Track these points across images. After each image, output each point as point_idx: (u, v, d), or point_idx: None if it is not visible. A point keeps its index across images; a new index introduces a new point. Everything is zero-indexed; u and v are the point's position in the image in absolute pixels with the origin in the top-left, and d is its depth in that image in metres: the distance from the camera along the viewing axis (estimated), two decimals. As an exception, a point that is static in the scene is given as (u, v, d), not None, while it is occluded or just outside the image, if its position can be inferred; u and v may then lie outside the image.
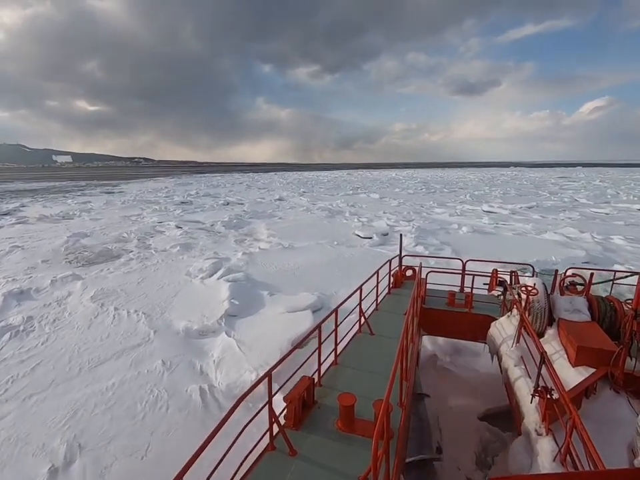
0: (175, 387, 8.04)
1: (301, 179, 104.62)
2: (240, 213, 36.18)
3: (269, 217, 33.44)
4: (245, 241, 23.88)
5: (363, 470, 3.44)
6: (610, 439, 4.08)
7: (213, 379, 8.44)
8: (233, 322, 11.19)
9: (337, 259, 18.58)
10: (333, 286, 14.42)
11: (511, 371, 5.63)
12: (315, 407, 4.69)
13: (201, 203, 45.65)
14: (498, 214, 35.24)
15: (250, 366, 8.63)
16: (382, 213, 35.64)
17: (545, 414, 4.18)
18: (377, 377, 5.35)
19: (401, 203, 43.68)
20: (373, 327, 7.01)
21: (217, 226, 28.83)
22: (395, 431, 4.13)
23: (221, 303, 12.38)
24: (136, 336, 10.46)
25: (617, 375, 4.82)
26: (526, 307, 6.33)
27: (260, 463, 3.78)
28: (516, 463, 4.33)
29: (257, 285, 14.68)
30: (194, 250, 21.27)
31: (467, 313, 8.50)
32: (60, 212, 37.59)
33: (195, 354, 9.54)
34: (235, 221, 30.99)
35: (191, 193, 58.96)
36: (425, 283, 9.46)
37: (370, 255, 19.05)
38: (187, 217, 34.36)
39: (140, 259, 19.22)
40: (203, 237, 24.77)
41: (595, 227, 27.17)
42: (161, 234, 26.29)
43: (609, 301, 6.14)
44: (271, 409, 3.91)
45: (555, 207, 40.03)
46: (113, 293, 13.97)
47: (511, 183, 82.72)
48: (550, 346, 5.77)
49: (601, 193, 54.92)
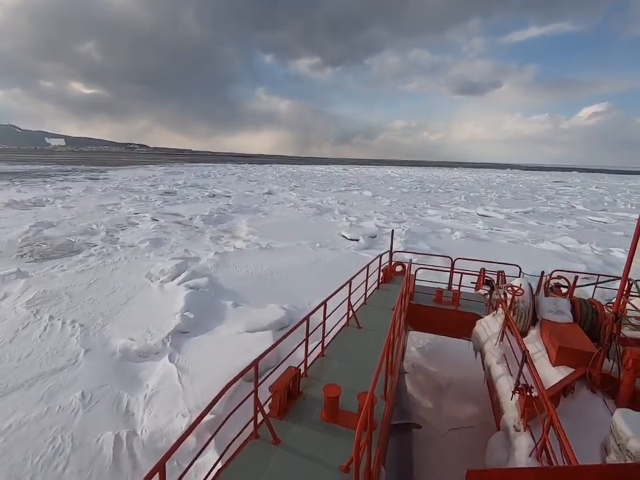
0: (85, 434, 6.39)
1: (295, 173, 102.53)
2: (224, 206, 34.35)
3: (253, 212, 31.68)
4: (222, 238, 22.14)
5: (345, 460, 3.58)
6: (584, 436, 4.11)
7: (138, 422, 6.80)
8: (181, 342, 9.52)
9: (317, 263, 16.97)
10: (307, 296, 12.80)
11: (493, 369, 5.75)
12: (300, 398, 4.72)
13: (186, 194, 43.65)
14: (493, 218, 33.84)
15: (185, 406, 7.01)
16: (372, 212, 34.03)
17: (523, 411, 4.26)
18: (363, 369, 5.39)
19: (394, 203, 42.10)
20: (360, 321, 7.03)
21: (195, 220, 27.01)
22: (378, 423, 4.21)
23: (173, 315, 10.71)
24: (62, 356, 8.76)
25: (594, 376, 4.91)
26: (511, 307, 6.41)
27: (243, 451, 3.81)
28: (493, 457, 4.43)
29: (221, 293, 13.02)
30: (164, 247, 19.52)
31: (454, 310, 8.64)
32: (33, 198, 35.44)
33: (126, 384, 7.88)
34: (216, 215, 29.20)
35: (178, 183, 56.81)
36: (413, 279, 9.49)
37: (353, 260, 17.43)
38: (167, 208, 32.47)
39: (101, 255, 17.44)
40: (178, 232, 22.98)
41: (593, 237, 25.85)
42: (134, 227, 24.46)
43: (591, 304, 6.24)
44: (256, 397, 3.93)
45: (552, 213, 38.75)
46: (55, 296, 12.22)
47: (506, 186, 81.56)
48: (532, 345, 5.86)
49: (598, 200, 53.86)
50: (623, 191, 77.68)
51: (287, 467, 3.65)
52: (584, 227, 30.59)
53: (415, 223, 28.82)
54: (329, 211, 34.25)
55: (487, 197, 53.06)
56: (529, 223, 31.39)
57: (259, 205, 36.12)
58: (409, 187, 66.59)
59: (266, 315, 10.99)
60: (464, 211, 37.94)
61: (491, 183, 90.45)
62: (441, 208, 39.15)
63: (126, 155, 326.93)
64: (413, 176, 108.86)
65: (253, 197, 43.21)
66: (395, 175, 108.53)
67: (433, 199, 48.73)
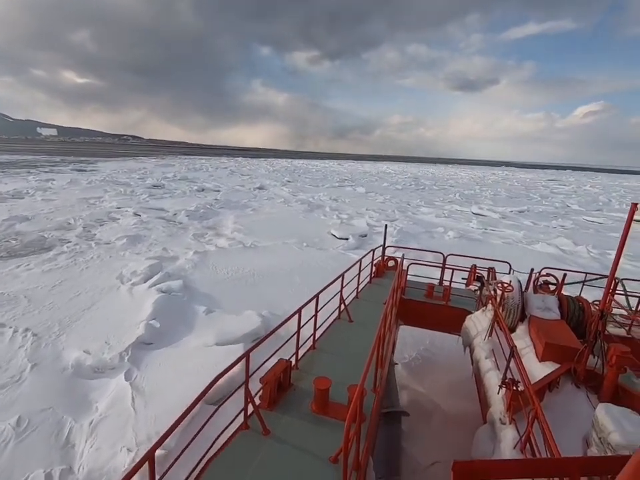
0: (10, 473, 5.49)
1: (290, 167, 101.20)
2: (211, 201, 33.26)
3: (241, 208, 30.65)
4: (205, 235, 21.14)
5: (334, 450, 3.61)
6: (567, 429, 4.14)
7: (77, 456, 5.90)
8: (141, 355, 8.60)
9: (302, 265, 16.08)
10: (288, 301, 11.91)
11: (481, 363, 5.78)
12: (290, 389, 4.71)
13: (174, 188, 42.43)
14: (487, 217, 33.14)
15: (133, 437, 6.12)
16: (365, 209, 33.16)
17: (509, 404, 4.31)
18: (353, 362, 5.38)
19: (387, 200, 41.25)
20: (352, 315, 7.04)
21: (179, 215, 25.96)
22: (367, 415, 4.25)
23: (138, 324, 9.78)
24: (4, 372, 7.82)
25: (579, 371, 4.97)
26: (500, 303, 6.44)
27: (233, 441, 3.80)
28: (479, 449, 4.50)
29: (195, 297, 12.09)
30: (142, 244, 18.50)
31: (444, 305, 8.72)
32: (12, 190, 34.11)
33: (73, 406, 6.97)
34: (202, 210, 28.14)
35: (168, 176, 55.41)
36: (405, 274, 9.45)
37: (340, 261, 16.57)
38: (152, 203, 31.33)
39: (73, 253, 16.40)
40: (159, 229, 21.95)
41: (589, 238, 25.22)
42: (114, 222, 23.37)
43: (578, 301, 6.26)
44: (247, 389, 3.92)
45: (547, 212, 38.15)
46: (12, 299, 11.24)
47: (501, 184, 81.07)
48: (520, 341, 5.88)
49: (593, 200, 53.47)
50: (617, 190, 77.54)
51: (276, 457, 3.65)
52: (579, 227, 29.98)
53: (407, 222, 28.00)
54: (320, 207, 33.33)
55: (481, 195, 52.41)
56: (523, 223, 30.73)
57: (248, 201, 35.08)
58: (404, 183, 65.76)
59: (240, 324, 10.11)
60: (458, 209, 37.22)
61: (485, 180, 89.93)
62: (435, 206, 38.39)
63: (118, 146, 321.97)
64: (408, 172, 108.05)
65: (243, 191, 42.09)
66: (390, 171, 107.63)
67: (427, 196, 47.97)
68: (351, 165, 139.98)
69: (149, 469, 2.59)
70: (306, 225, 25.31)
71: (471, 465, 1.93)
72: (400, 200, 41.82)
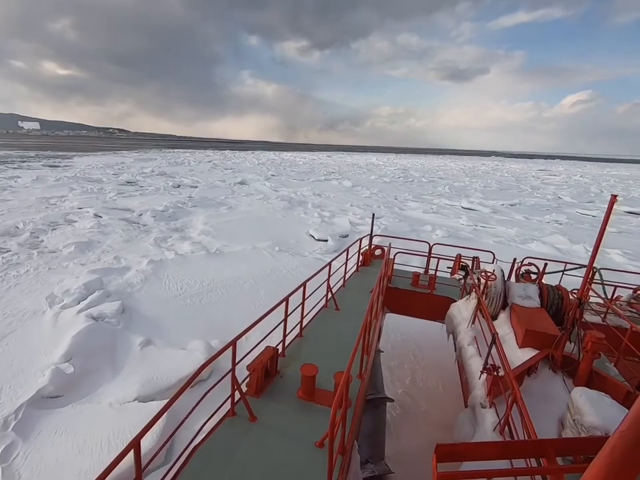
0: None
1: (276, 160, 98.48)
2: (185, 199, 30.99)
3: (215, 207, 28.48)
4: (168, 239, 19.03)
5: (320, 436, 3.72)
6: (544, 412, 4.26)
7: None
8: (37, 418, 6.61)
9: (271, 274, 14.17)
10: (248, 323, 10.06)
11: (464, 350, 5.93)
12: (277, 376, 4.73)
13: (148, 184, 39.93)
14: (478, 212, 31.53)
15: None
16: (349, 205, 31.26)
17: (490, 389, 4.43)
18: (340, 350, 5.43)
19: (374, 194, 39.35)
20: (339, 303, 7.13)
21: (145, 216, 23.76)
22: (352, 401, 4.35)
23: (45, 368, 7.80)
24: None
25: (556, 357, 5.08)
26: (484, 291, 6.56)
27: (220, 427, 3.85)
28: (461, 432, 4.57)
29: (134, 324, 10.12)
30: (92, 252, 16.38)
31: (429, 294, 8.90)
32: (-33, 189, 31.43)
33: None
34: (172, 210, 25.95)
35: (145, 171, 52.63)
36: (392, 263, 9.58)
37: (315, 269, 14.70)
38: (119, 202, 28.97)
39: (7, 265, 14.22)
40: (118, 232, 19.76)
41: (585, 234, 23.73)
42: (69, 225, 21.09)
43: (558, 290, 6.36)
44: (233, 376, 3.94)
45: (539, 205, 36.70)
46: None
47: (491, 174, 79.73)
48: (501, 328, 5.94)
49: (585, 191, 52.30)
50: (606, 180, 76.80)
51: (263, 443, 3.68)
52: (574, 222, 28.52)
53: (393, 219, 26.19)
54: (302, 204, 31.31)
55: (471, 187, 50.85)
56: (515, 218, 29.18)
57: (225, 197, 32.86)
58: (392, 176, 63.84)
59: (179, 363, 8.20)
60: (447, 203, 35.54)
61: (475, 171, 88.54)
62: (423, 200, 36.64)
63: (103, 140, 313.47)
64: (397, 164, 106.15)
65: (222, 187, 39.77)
66: (379, 163, 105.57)
67: (415, 189, 46.21)
68: (340, 157, 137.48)
69: (135, 456, 2.59)
70: (284, 225, 23.35)
71: (453, 448, 1.93)
72: (387, 194, 39.97)
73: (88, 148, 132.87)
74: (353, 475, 3.86)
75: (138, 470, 2.68)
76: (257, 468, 3.43)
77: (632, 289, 8.42)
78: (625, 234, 25.15)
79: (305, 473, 3.43)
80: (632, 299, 8.27)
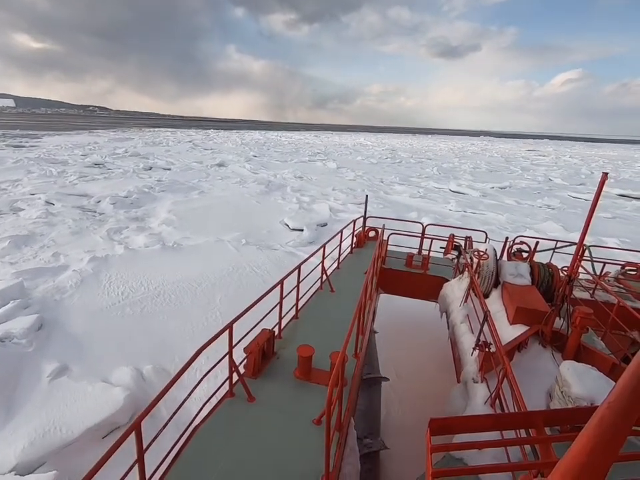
0: None
1: (261, 140, 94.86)
2: (153, 182, 28.54)
3: (186, 191, 26.20)
4: (124, 230, 16.92)
5: (317, 413, 3.82)
6: (533, 386, 4.37)
7: None
8: None
9: (232, 274, 12.34)
10: (193, 343, 8.31)
11: (457, 327, 6.08)
12: (274, 358, 4.81)
13: (117, 166, 37.12)
14: (467, 196, 29.93)
15: None
16: (331, 189, 29.28)
17: (482, 364, 4.55)
18: (335, 330, 5.51)
19: (359, 177, 37.33)
20: (333, 284, 7.17)
21: (103, 203, 21.47)
22: (348, 379, 4.41)
23: None
24: None
25: (546, 332, 5.20)
26: (476, 270, 6.63)
27: (219, 408, 3.92)
28: (452, 406, 4.72)
29: (51, 344, 8.25)
30: (30, 247, 14.26)
31: (423, 274, 9.03)
32: None
33: None
34: (136, 195, 23.65)
35: (118, 152, 49.35)
36: (386, 244, 9.65)
37: (285, 266, 12.93)
38: (79, 187, 26.43)
39: None
40: (67, 222, 17.54)
41: (580, 221, 22.31)
42: (12, 215, 18.75)
43: (548, 268, 6.43)
44: (231, 358, 4.01)
45: (530, 188, 35.27)
46: None
47: (481, 155, 78.08)
48: (493, 306, 6.02)
49: (575, 172, 51.07)
50: (595, 160, 75.91)
51: (261, 422, 3.75)
52: (567, 206, 27.15)
53: (377, 204, 24.39)
54: (281, 188, 29.21)
55: (460, 169, 49.15)
56: (506, 203, 27.67)
57: (199, 181, 30.49)
58: (379, 156, 61.57)
59: (92, 404, 6.42)
60: (435, 186, 33.82)
61: (465, 152, 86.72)
62: (410, 183, 34.84)
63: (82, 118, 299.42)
64: (386, 144, 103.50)
65: (198, 169, 37.18)
66: (367, 144, 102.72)
67: (403, 171, 44.30)
68: (329, 137, 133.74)
69: (136, 438, 2.62)
70: (258, 212, 21.38)
71: (446, 421, 1.95)
72: (373, 177, 38.00)
73: (63, 127, 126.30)
74: (349, 449, 3.89)
75: (140, 451, 2.69)
76: (257, 445, 3.49)
77: (620, 265, 8.57)
78: (620, 220, 23.88)
79: (303, 448, 3.49)
80: (620, 274, 8.38)
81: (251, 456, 3.36)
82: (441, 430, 1.91)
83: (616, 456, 1.11)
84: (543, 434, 1.93)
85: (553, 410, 2.08)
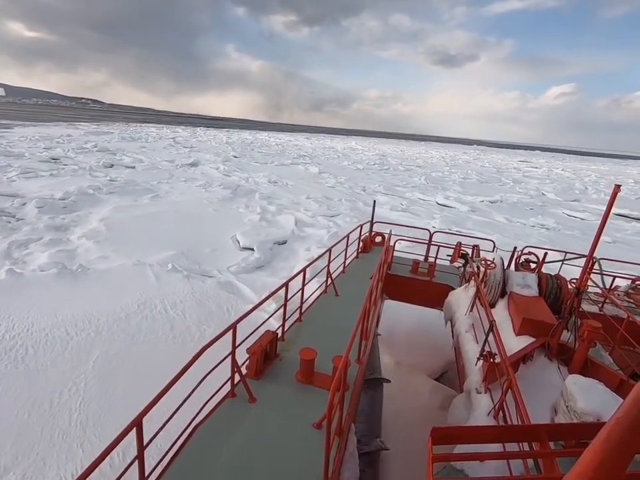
0: None
1: (247, 140, 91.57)
2: (104, 182, 25.28)
3: (138, 194, 23.06)
4: (32, 244, 13.71)
5: (318, 417, 3.75)
6: (538, 399, 4.21)
7: None
8: None
9: (133, 316, 9.31)
10: (59, 456, 5.32)
11: (461, 336, 6.01)
12: (276, 360, 4.77)
13: (75, 162, 33.73)
14: (454, 210, 27.31)
15: None
16: (305, 197, 26.38)
17: (486, 375, 4.46)
18: (339, 335, 5.38)
19: (339, 183, 34.49)
20: (338, 289, 7.11)
21: (29, 206, 18.24)
22: (350, 384, 4.34)
23: None
24: None
25: (552, 345, 5.12)
26: (483, 279, 6.55)
27: (220, 408, 3.88)
28: (454, 416, 4.68)
29: None
30: None
31: (429, 281, 8.92)
32: None
33: None
34: (74, 197, 20.46)
35: (86, 147, 45.77)
36: (392, 249, 9.65)
37: (211, 306, 9.98)
38: (15, 185, 23.09)
39: None
40: (-34, 232, 14.37)
41: (578, 244, 19.78)
42: None
43: (556, 279, 6.35)
44: (233, 358, 3.97)
45: (522, 203, 32.84)
46: None
47: (472, 164, 75.97)
48: (499, 316, 5.89)
49: (568, 187, 49.01)
50: (587, 175, 74.41)
51: (262, 423, 3.72)
52: (562, 227, 24.63)
53: (351, 218, 21.56)
54: (249, 193, 26.22)
55: (450, 179, 46.69)
56: (496, 220, 25.09)
57: (158, 183, 27.31)
58: (367, 162, 58.84)
59: None
60: (421, 197, 31.15)
61: (456, 160, 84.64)
62: (395, 193, 32.14)
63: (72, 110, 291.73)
64: (377, 149, 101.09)
65: (164, 169, 33.91)
66: (358, 148, 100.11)
67: (389, 179, 41.62)
68: (320, 140, 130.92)
69: (137, 435, 2.62)
70: (210, 223, 18.38)
71: (448, 431, 1.91)
72: (355, 184, 35.20)
73: (44, 118, 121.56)
74: (349, 454, 3.79)
75: (140, 448, 2.68)
76: (256, 447, 3.47)
77: (631, 279, 8.27)
78: (620, 245, 21.41)
79: (302, 452, 3.46)
80: (630, 289, 8.11)
81: (250, 456, 3.36)
82: (442, 439, 1.89)
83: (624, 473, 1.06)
84: (547, 448, 1.94)
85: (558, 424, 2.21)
